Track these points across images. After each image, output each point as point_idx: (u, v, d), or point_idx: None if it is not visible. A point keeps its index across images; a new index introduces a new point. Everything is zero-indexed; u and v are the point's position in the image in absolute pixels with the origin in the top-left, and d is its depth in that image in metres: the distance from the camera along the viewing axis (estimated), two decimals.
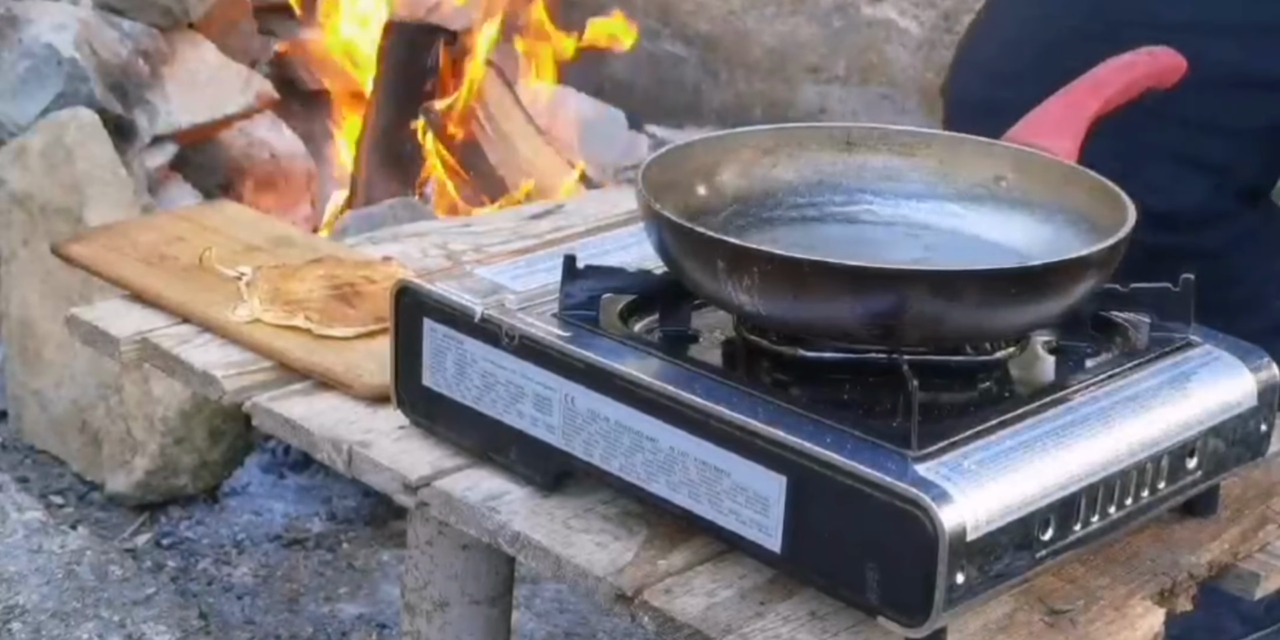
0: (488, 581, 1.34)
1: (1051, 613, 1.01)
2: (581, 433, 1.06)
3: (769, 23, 2.87)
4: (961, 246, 1.15)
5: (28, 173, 2.27)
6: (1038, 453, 0.96)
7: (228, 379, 1.25)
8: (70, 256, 1.45)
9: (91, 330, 1.34)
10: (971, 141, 1.20)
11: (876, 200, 1.19)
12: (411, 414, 1.17)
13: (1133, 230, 1.03)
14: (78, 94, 2.36)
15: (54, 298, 2.24)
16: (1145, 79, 1.33)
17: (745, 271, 0.99)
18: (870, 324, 0.99)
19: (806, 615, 0.99)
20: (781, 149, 1.19)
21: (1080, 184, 1.12)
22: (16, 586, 1.91)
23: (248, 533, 2.17)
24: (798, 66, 2.86)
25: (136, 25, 2.51)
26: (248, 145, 2.67)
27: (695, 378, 1.02)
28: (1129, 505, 1.01)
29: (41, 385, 2.31)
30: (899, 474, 0.91)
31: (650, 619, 0.99)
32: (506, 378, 1.09)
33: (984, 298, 0.99)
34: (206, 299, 1.34)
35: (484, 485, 1.11)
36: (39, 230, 2.25)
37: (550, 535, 1.06)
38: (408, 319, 1.14)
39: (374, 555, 2.15)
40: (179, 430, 2.15)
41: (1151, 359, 1.07)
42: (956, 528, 0.90)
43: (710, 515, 1.00)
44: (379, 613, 2.03)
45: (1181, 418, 1.03)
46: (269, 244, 1.47)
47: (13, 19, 2.43)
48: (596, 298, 1.09)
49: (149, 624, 1.87)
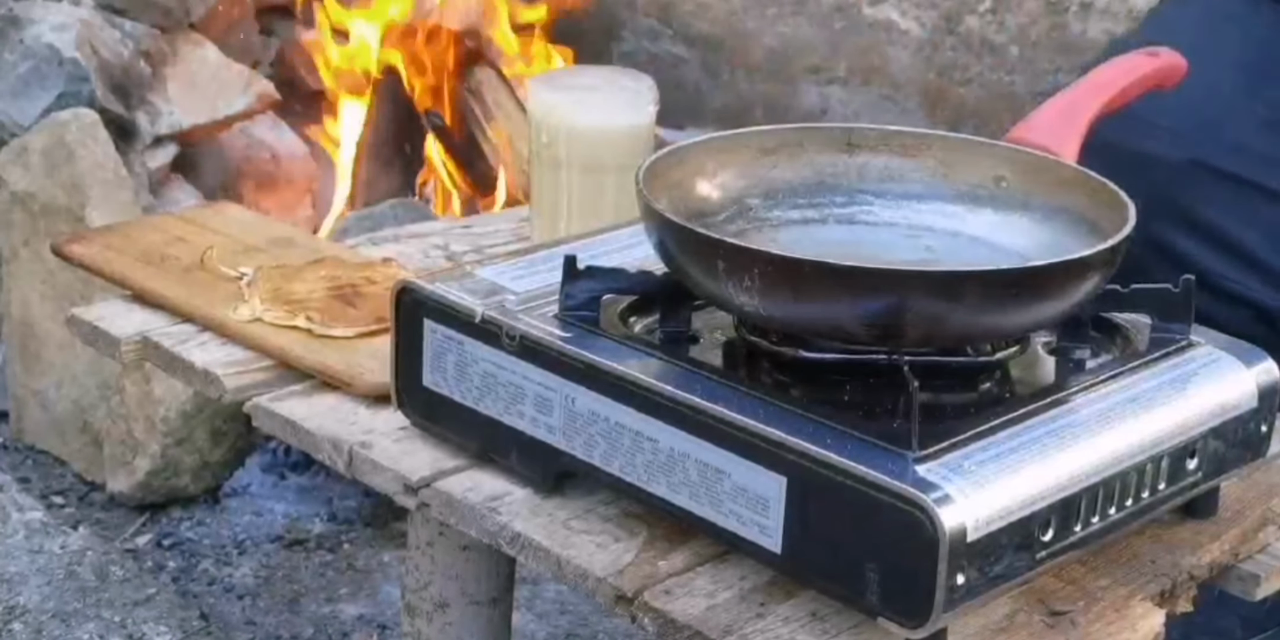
0: (488, 582, 1.34)
1: (1052, 614, 1.01)
2: (582, 433, 1.06)
3: (770, 23, 2.88)
4: (962, 247, 1.15)
5: (29, 173, 2.27)
6: (1038, 453, 0.96)
7: (228, 378, 1.25)
8: (71, 256, 1.45)
9: (92, 330, 1.34)
10: (973, 142, 1.20)
11: (877, 201, 1.19)
12: (412, 415, 1.17)
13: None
14: (79, 94, 2.36)
15: (55, 298, 2.24)
16: (1147, 80, 1.33)
17: (746, 272, 0.99)
18: (871, 325, 0.99)
19: (807, 616, 0.99)
20: (782, 150, 1.19)
21: (1081, 185, 1.12)
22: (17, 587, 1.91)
23: (249, 533, 2.17)
24: (799, 67, 2.86)
25: (138, 26, 2.52)
26: (248, 146, 2.67)
27: (696, 378, 1.02)
28: (1129, 506, 1.01)
29: (42, 385, 2.31)
30: (899, 475, 0.91)
31: (650, 620, 0.99)
32: (507, 378, 1.09)
33: (985, 299, 0.99)
34: (207, 299, 1.34)
35: (484, 486, 1.11)
36: (40, 230, 2.26)
37: (550, 536, 1.06)
38: (408, 320, 1.14)
39: (375, 556, 2.15)
40: (180, 431, 2.15)
41: (1152, 360, 1.07)
42: (957, 528, 0.90)
43: (710, 516, 1.00)
44: (380, 613, 2.03)
45: (1182, 419, 1.03)
46: (270, 244, 1.47)
47: (14, 19, 2.43)
48: (597, 298, 1.09)
49: (150, 624, 1.87)
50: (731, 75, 2.95)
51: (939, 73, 2.69)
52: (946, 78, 2.68)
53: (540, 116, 1.45)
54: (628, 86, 1.47)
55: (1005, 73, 2.61)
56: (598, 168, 1.43)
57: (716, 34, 2.95)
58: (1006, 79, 2.61)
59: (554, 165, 1.44)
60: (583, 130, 1.43)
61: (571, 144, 1.43)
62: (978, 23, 2.63)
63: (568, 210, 1.45)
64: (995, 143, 1.19)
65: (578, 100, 1.44)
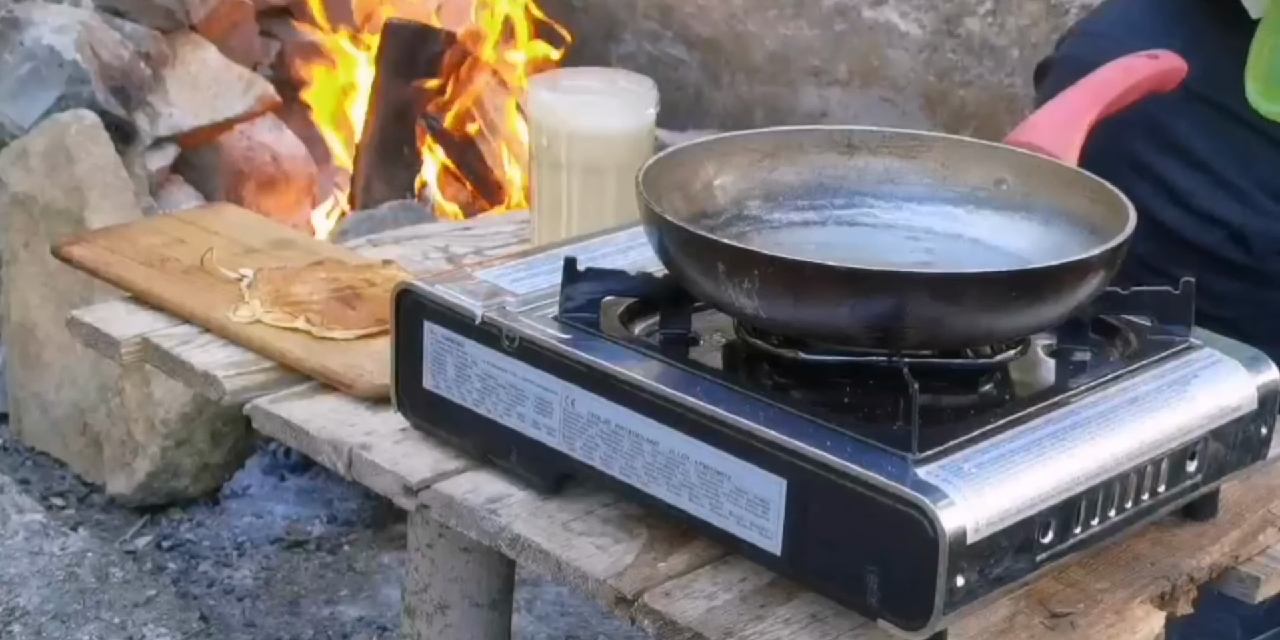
0: (488, 584, 1.34)
1: (1052, 616, 1.01)
2: (582, 435, 1.06)
3: (770, 26, 2.88)
4: (962, 249, 1.15)
5: (29, 174, 2.27)
6: (1038, 456, 0.96)
7: (228, 379, 1.25)
8: (71, 258, 1.45)
9: (92, 332, 1.34)
10: (973, 144, 1.20)
11: (877, 203, 1.19)
12: (412, 416, 1.17)
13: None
14: (79, 96, 2.36)
15: (55, 300, 2.24)
16: (1147, 82, 1.33)
17: (746, 274, 0.99)
18: (871, 327, 0.99)
19: (807, 618, 0.99)
20: (782, 152, 1.19)
21: (1081, 187, 1.12)
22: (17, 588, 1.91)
23: (248, 535, 2.17)
24: (799, 70, 2.86)
25: (138, 27, 2.51)
26: (249, 148, 2.67)
27: (696, 380, 1.02)
28: (1129, 508, 1.01)
29: (42, 387, 2.31)
30: (899, 477, 0.91)
31: (650, 622, 0.99)
32: (507, 380, 1.09)
33: (985, 301, 0.99)
34: (207, 301, 1.34)
35: (484, 488, 1.11)
36: (40, 232, 2.26)
37: (550, 538, 1.06)
38: (408, 321, 1.14)
39: (375, 558, 2.15)
40: (180, 432, 2.15)
41: (1152, 362, 1.07)
42: (957, 531, 0.90)
43: (710, 518, 1.00)
44: (379, 615, 2.03)
45: (1182, 421, 1.03)
46: (270, 246, 1.47)
47: (14, 21, 2.43)
48: (597, 300, 1.09)
49: (150, 626, 1.87)
50: (732, 77, 2.95)
51: (939, 75, 2.69)
52: (947, 80, 2.68)
53: (541, 118, 1.45)
54: (628, 88, 1.47)
55: (1006, 75, 2.61)
56: (598, 170, 1.43)
57: (717, 36, 2.95)
58: (1007, 81, 2.61)
59: (554, 167, 1.44)
60: (583, 132, 1.43)
61: (572, 146, 1.43)
62: (978, 25, 2.63)
63: (568, 212, 1.45)
64: (996, 145, 1.19)
65: (578, 102, 1.44)
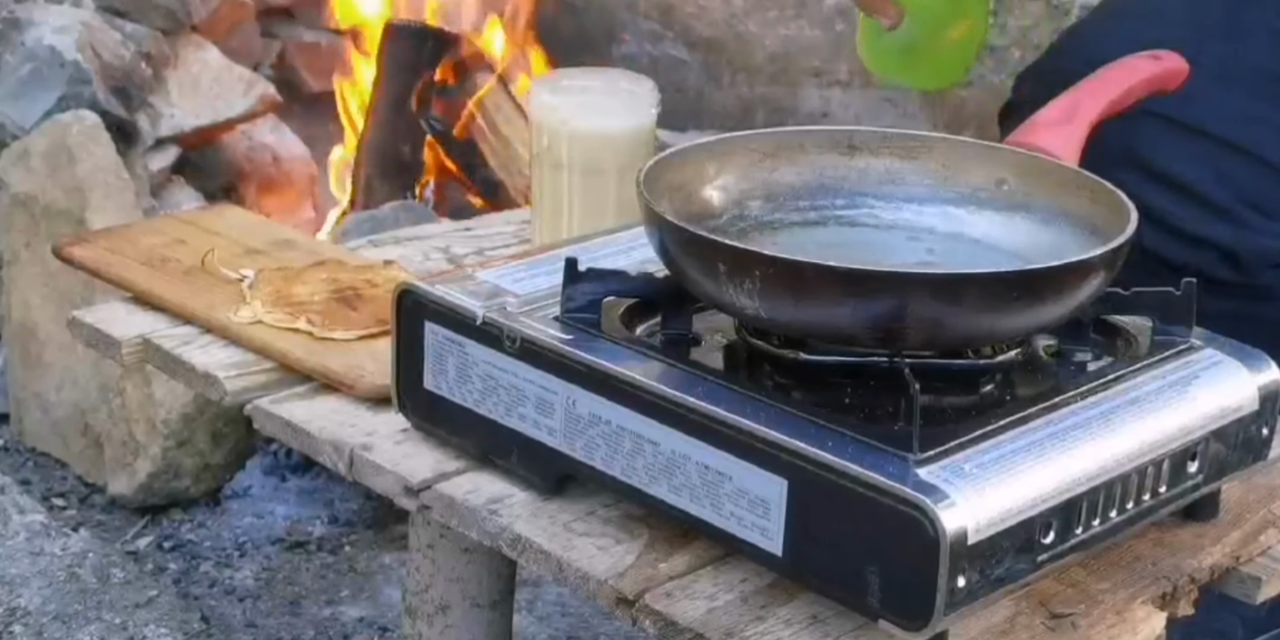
0: (489, 585, 1.34)
1: (1053, 617, 1.01)
2: (583, 436, 1.06)
3: (771, 26, 2.88)
4: (963, 250, 1.15)
5: (30, 175, 2.27)
6: (1039, 456, 0.96)
7: (229, 380, 1.25)
8: (72, 259, 1.45)
9: (93, 332, 1.34)
10: (974, 145, 1.20)
11: (878, 204, 1.19)
12: (413, 417, 1.17)
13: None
14: (80, 96, 2.36)
15: (56, 300, 2.24)
16: (1148, 83, 1.33)
17: (747, 275, 0.99)
18: (872, 327, 0.99)
19: (808, 619, 0.99)
20: (783, 152, 1.19)
21: (1082, 187, 1.12)
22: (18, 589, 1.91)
23: (249, 535, 2.17)
24: (800, 70, 2.86)
25: (139, 28, 2.51)
26: (250, 148, 2.67)
27: (697, 381, 1.02)
28: (1130, 509, 1.01)
29: (43, 388, 2.31)
30: (900, 477, 0.91)
31: (651, 623, 0.99)
32: (508, 381, 1.09)
33: (986, 301, 0.99)
34: (208, 301, 1.34)
35: (485, 488, 1.11)
36: (41, 232, 2.26)
37: (551, 538, 1.06)
38: (409, 322, 1.14)
39: (376, 558, 2.15)
40: (181, 433, 2.15)
41: (1153, 363, 1.07)
42: (958, 531, 0.89)
43: (711, 519, 1.00)
44: (380, 616, 2.03)
45: (1183, 422, 1.03)
46: (271, 247, 1.47)
47: (15, 21, 2.43)
48: (598, 301, 1.09)
49: (151, 627, 1.87)
50: (733, 78, 2.95)
51: None
52: None
53: (542, 119, 1.45)
54: (629, 89, 1.47)
55: (1007, 75, 2.61)
56: (599, 170, 1.43)
57: (718, 36, 2.95)
58: (1008, 82, 2.61)
59: (555, 168, 1.44)
60: (584, 133, 1.43)
61: (573, 146, 1.43)
62: None
63: (569, 213, 1.45)
64: (996, 145, 1.19)
65: (579, 103, 1.44)
